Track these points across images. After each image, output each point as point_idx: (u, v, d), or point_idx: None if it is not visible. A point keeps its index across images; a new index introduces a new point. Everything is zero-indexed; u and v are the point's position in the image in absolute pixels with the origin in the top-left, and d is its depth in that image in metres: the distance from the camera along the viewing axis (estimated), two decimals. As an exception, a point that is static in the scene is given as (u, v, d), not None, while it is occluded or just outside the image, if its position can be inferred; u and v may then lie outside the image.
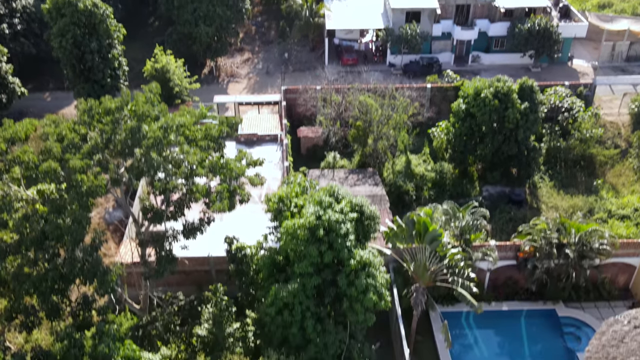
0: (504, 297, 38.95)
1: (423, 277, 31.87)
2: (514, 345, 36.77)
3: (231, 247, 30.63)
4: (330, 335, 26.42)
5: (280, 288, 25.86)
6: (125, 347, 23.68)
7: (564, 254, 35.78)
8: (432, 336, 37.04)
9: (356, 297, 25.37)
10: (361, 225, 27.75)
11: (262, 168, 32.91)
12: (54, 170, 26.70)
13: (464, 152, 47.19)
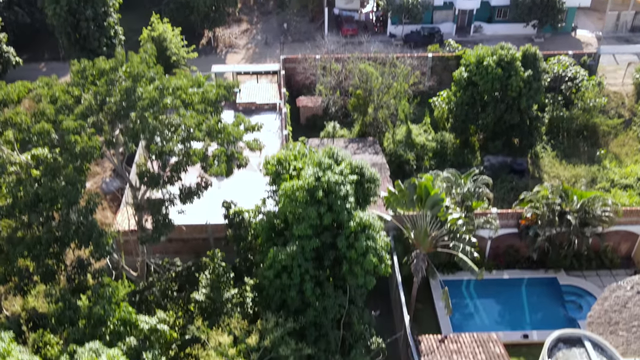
0: (505, 265, 38.60)
1: (424, 243, 31.44)
2: (515, 314, 36.47)
3: (229, 211, 30.11)
4: (329, 299, 26.04)
5: (279, 251, 25.41)
6: (121, 310, 23.29)
7: (566, 221, 35.33)
8: (432, 304, 36.76)
9: (356, 260, 24.92)
10: (361, 188, 27.23)
11: (261, 136, 32.35)
12: (47, 131, 26.13)
13: (465, 122, 46.52)
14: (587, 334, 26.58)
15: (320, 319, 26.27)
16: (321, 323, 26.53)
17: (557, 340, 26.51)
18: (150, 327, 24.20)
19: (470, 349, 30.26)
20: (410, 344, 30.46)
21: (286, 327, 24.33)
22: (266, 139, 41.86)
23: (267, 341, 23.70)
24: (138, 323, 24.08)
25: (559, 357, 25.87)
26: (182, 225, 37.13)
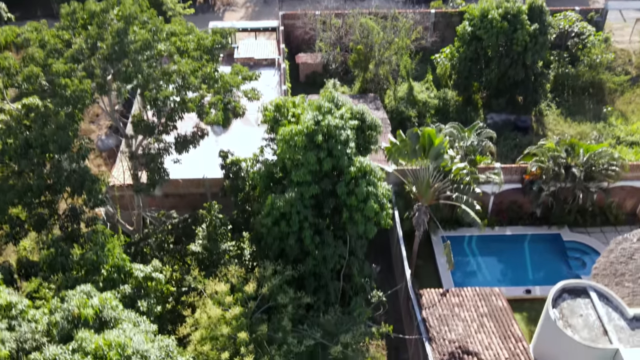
0: (508, 222, 37.92)
1: (426, 195, 30.67)
2: (517, 270, 35.93)
3: (225, 161, 29.24)
4: (329, 248, 25.36)
5: (277, 197, 24.64)
6: (115, 256, 22.62)
7: (571, 175, 34.52)
8: (433, 261, 36.18)
9: (356, 207, 24.16)
10: (362, 135, 26.35)
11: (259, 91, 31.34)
12: (36, 75, 25.16)
13: (468, 78, 45.44)
14: (592, 285, 26.00)
15: (319, 269, 25.64)
16: (320, 273, 25.91)
17: (562, 291, 25.95)
18: (145, 275, 23.53)
19: (473, 302, 29.73)
20: (412, 297, 29.92)
21: (284, 275, 23.69)
22: (265, 94, 40.86)
23: (265, 289, 23.09)
24: (132, 271, 23.44)
25: (563, 308, 25.33)
26: (178, 179, 36.50)
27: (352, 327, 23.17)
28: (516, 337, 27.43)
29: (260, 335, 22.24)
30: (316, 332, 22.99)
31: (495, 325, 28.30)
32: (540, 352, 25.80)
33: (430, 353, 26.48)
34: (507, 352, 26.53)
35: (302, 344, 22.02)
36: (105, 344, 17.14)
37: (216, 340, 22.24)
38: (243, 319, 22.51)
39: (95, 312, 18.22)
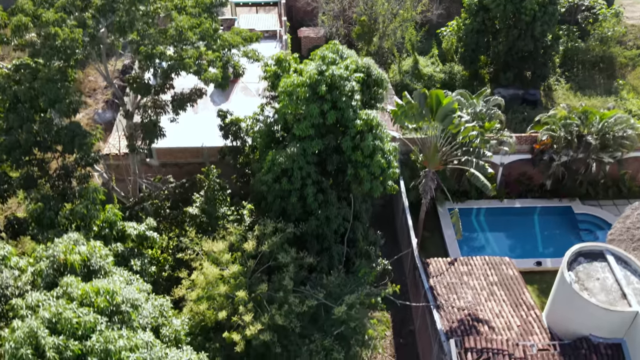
0: (517, 195, 36.67)
1: (433, 160, 29.40)
2: (527, 243, 34.70)
3: (224, 120, 27.95)
4: (332, 208, 24.11)
5: (278, 153, 23.39)
6: (107, 211, 21.38)
7: (584, 144, 33.23)
8: (440, 233, 34.97)
9: (362, 162, 22.88)
10: (367, 91, 25.05)
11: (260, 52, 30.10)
12: (25, 25, 23.87)
13: (475, 51, 44.17)
14: (609, 248, 24.72)
15: (322, 230, 24.39)
16: (324, 235, 24.66)
17: (577, 254, 24.66)
18: (139, 233, 22.30)
19: (482, 271, 28.48)
20: (418, 266, 28.68)
21: (286, 233, 22.43)
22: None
23: (265, 246, 21.82)
24: (125, 229, 22.21)
25: (579, 271, 24.04)
26: (176, 148, 35.36)
27: (357, 288, 21.91)
28: (528, 305, 26.19)
29: (260, 295, 21.01)
30: (319, 292, 21.74)
31: (506, 293, 27.06)
32: (553, 319, 24.52)
33: (439, 320, 25.23)
34: (519, 320, 25.28)
35: (304, 304, 20.76)
36: (92, 290, 15.91)
37: (213, 300, 21.02)
38: (242, 277, 21.29)
39: (82, 259, 16.97)
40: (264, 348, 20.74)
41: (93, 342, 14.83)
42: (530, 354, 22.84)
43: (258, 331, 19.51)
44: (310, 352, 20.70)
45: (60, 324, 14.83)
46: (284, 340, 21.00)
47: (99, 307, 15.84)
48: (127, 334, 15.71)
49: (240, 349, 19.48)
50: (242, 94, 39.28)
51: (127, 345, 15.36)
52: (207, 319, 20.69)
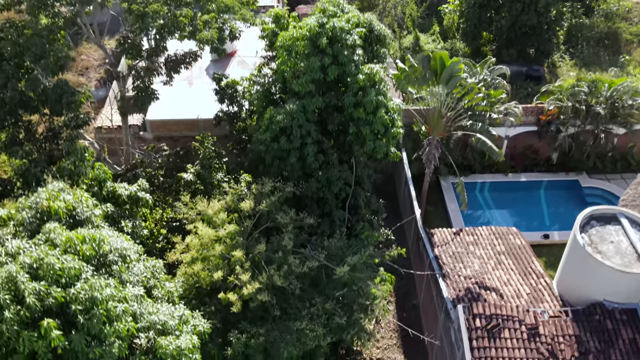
0: (522, 169, 35.60)
1: (437, 127, 28.32)
2: (534, 217, 33.64)
3: (220, 84, 26.76)
4: (333, 170, 22.99)
5: (276, 111, 22.27)
6: (95, 169, 20.24)
7: (592, 114, 32.15)
8: (444, 207, 33.88)
9: (365, 120, 21.76)
10: (369, 48, 23.94)
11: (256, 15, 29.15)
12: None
13: (477, 26, 43.09)
14: (623, 211, 23.66)
15: (323, 193, 23.27)
16: (324, 199, 23.54)
17: (590, 218, 23.59)
18: (130, 193, 21.17)
19: (489, 240, 27.42)
20: (422, 236, 27.60)
21: (285, 192, 21.30)
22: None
23: (263, 205, 20.68)
24: (116, 189, 21.07)
25: (592, 235, 22.98)
26: (170, 119, 34.29)
27: (359, 250, 20.80)
28: (537, 273, 25.14)
29: (257, 256, 19.88)
30: (320, 254, 20.63)
31: (514, 262, 26.00)
32: (565, 286, 23.46)
33: (445, 289, 24.14)
34: (528, 288, 24.23)
35: (304, 265, 19.65)
36: (77, 237, 14.78)
37: (208, 261, 19.90)
38: (238, 238, 20.16)
39: (67, 207, 15.83)
40: (262, 311, 19.65)
41: (77, 289, 13.71)
42: (541, 321, 21.77)
43: (256, 290, 18.40)
44: (311, 316, 19.60)
45: (42, 270, 13.70)
46: (283, 303, 19.91)
47: (84, 255, 14.73)
48: (115, 284, 14.61)
49: (237, 309, 18.36)
50: (239, 67, 38.16)
51: (114, 294, 14.25)
52: (202, 281, 19.58)
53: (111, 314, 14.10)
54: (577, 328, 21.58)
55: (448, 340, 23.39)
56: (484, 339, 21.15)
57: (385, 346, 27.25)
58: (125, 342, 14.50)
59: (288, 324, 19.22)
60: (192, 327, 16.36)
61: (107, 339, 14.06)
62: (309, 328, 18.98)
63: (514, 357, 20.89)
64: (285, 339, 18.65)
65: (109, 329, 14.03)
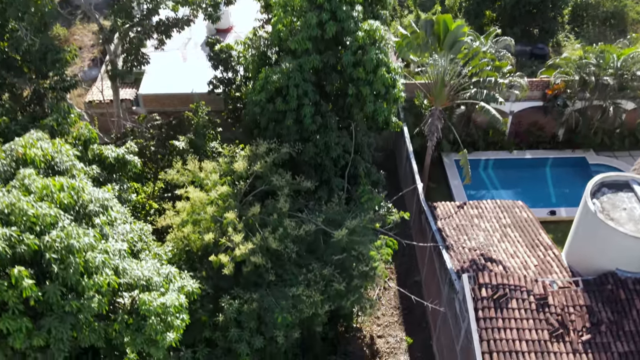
0: (527, 146, 34.48)
1: (440, 96, 27.20)
2: (539, 194, 32.50)
3: (213, 48, 25.62)
4: (331, 133, 21.90)
5: (272, 70, 21.16)
6: (80, 127, 19.12)
7: (600, 86, 31.01)
8: (446, 184, 32.77)
9: (364, 79, 20.66)
10: (369, 9, 22.87)
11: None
12: None
13: (480, 4, 42.10)
14: (636, 178, 22.55)
15: (321, 159, 22.17)
16: (323, 165, 22.44)
17: (601, 185, 22.51)
18: (118, 156, 20.07)
19: (494, 213, 26.33)
20: (425, 209, 26.50)
21: (281, 153, 20.19)
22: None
23: (257, 166, 19.58)
24: (102, 151, 19.97)
25: (603, 202, 21.88)
26: (163, 94, 33.23)
27: (359, 214, 19.71)
28: (545, 245, 24.04)
29: (251, 218, 18.77)
30: (318, 217, 19.53)
31: (521, 235, 24.91)
32: (575, 257, 22.33)
33: (448, 260, 23.03)
34: (536, 260, 23.11)
35: (300, 228, 18.55)
36: (54, 185, 13.67)
37: (199, 224, 18.80)
38: (231, 200, 19.06)
39: (45, 156, 14.72)
40: (256, 276, 18.56)
41: (52, 237, 12.61)
42: (550, 291, 20.66)
43: (249, 251, 17.29)
44: (308, 282, 18.51)
45: (14, 216, 12.61)
46: (278, 269, 18.81)
47: (61, 203, 13.62)
48: (95, 234, 13.51)
49: (228, 271, 17.26)
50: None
51: (94, 245, 13.14)
52: (192, 244, 18.48)
53: (90, 265, 13.02)
54: (589, 298, 20.48)
55: (452, 313, 22.29)
56: (490, 310, 20.04)
57: (386, 323, 26.16)
58: (106, 298, 13.44)
59: (283, 290, 18.13)
60: (180, 287, 15.27)
61: (85, 292, 12.99)
62: (306, 294, 17.91)
63: (522, 328, 19.78)
64: (280, 304, 17.55)
65: (87, 281, 12.96)
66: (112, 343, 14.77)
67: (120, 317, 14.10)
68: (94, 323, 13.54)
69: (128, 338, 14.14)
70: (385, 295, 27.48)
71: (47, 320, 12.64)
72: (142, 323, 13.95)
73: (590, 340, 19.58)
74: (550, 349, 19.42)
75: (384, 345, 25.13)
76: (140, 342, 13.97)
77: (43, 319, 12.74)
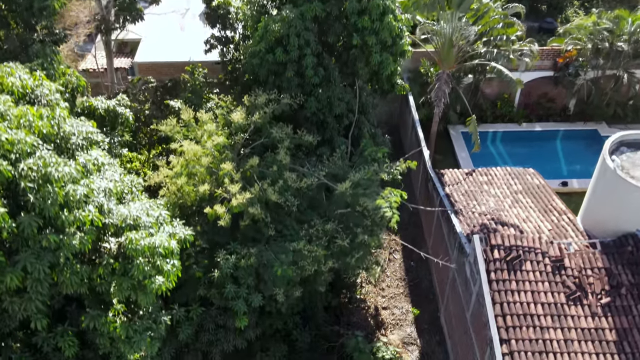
0: (537, 119, 33.27)
1: (448, 57, 26.02)
2: (550, 166, 31.26)
3: (210, 4, 24.38)
4: (335, 88, 20.70)
5: (272, 19, 19.98)
6: (68, 73, 17.95)
7: (614, 53, 29.80)
8: (453, 156, 31.58)
9: (370, 28, 19.48)
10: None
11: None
12: None
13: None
14: (656, 136, 21.39)
15: (323, 115, 20.97)
16: (325, 123, 21.23)
17: (619, 144, 21.34)
18: (108, 107, 18.95)
19: (504, 180, 25.16)
20: (432, 175, 25.32)
21: (281, 104, 19.00)
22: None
23: (256, 116, 18.39)
24: (91, 103, 18.84)
25: (622, 160, 20.69)
26: (159, 62, 32.06)
27: (363, 167, 18.53)
28: (559, 210, 22.85)
29: (249, 170, 17.58)
30: (320, 171, 18.35)
31: (533, 200, 23.72)
32: (591, 220, 21.13)
33: (457, 224, 21.83)
34: (550, 225, 21.91)
35: (301, 181, 17.37)
36: (33, 113, 12.50)
37: (193, 177, 17.62)
38: (228, 152, 17.88)
39: (23, 86, 13.52)
40: (254, 231, 17.38)
41: (28, 164, 11.43)
42: (567, 253, 19.45)
43: (247, 202, 16.09)
44: (310, 238, 17.32)
45: (-15, 140, 11.43)
46: (278, 225, 17.63)
47: (40, 132, 12.45)
48: (77, 165, 12.33)
49: (225, 222, 16.09)
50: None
51: (75, 176, 11.96)
52: (186, 197, 17.30)
53: (70, 198, 11.85)
54: (607, 260, 19.27)
55: (462, 279, 21.10)
56: (503, 272, 18.83)
57: (392, 295, 24.97)
58: (89, 237, 12.25)
59: (283, 245, 16.94)
60: (172, 234, 14.07)
61: (65, 227, 11.81)
62: (308, 249, 16.71)
63: (537, 291, 18.58)
64: (280, 259, 16.34)
65: (67, 215, 11.79)
66: (96, 291, 13.63)
67: (106, 260, 12.94)
68: (75, 265, 12.36)
69: (114, 284, 12.96)
70: (390, 267, 26.30)
71: (22, 255, 11.46)
72: (129, 267, 12.80)
73: (610, 303, 18.39)
74: (567, 312, 18.23)
75: (389, 316, 23.95)
76: (127, 287, 12.80)
77: (18, 255, 11.56)
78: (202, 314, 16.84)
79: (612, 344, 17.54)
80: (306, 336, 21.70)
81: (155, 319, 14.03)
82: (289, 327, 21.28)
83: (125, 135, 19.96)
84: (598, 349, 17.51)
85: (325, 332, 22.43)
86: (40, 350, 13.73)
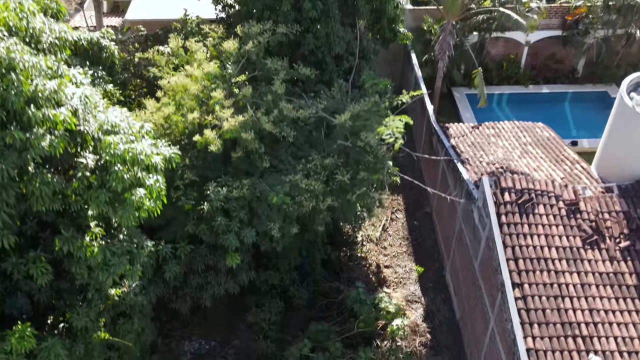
0: (545, 81, 32.02)
1: (453, 6, 24.76)
2: (559, 128, 29.86)
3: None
4: (334, 24, 19.42)
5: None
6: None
7: (627, 7, 28.56)
8: (457, 118, 30.30)
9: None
10: None
11: None
12: None
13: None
14: (677, 77, 20.12)
15: (322, 55, 19.69)
16: (324, 63, 19.95)
17: (637, 84, 20.06)
18: (92, 39, 17.71)
19: (512, 133, 23.93)
20: (436, 129, 24.08)
21: (277, 35, 17.73)
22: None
23: (249, 45, 17.13)
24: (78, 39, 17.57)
25: None
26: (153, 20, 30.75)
27: (362, 99, 17.28)
28: (572, 159, 21.62)
29: (242, 100, 16.32)
30: (318, 103, 17.09)
31: (544, 151, 22.49)
32: (607, 166, 19.83)
33: (464, 172, 20.59)
34: (562, 173, 20.66)
35: (298, 111, 16.11)
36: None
37: (182, 108, 16.36)
38: (219, 82, 16.61)
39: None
40: (247, 164, 16.12)
41: (-11, 51, 10.17)
42: (582, 197, 18.20)
43: (239, 127, 14.84)
44: (307, 173, 16.05)
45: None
46: (273, 160, 16.38)
47: (5, 24, 11.17)
48: (47, 62, 11.07)
49: (216, 148, 14.82)
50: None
51: (44, 69, 10.70)
52: (174, 127, 16.04)
53: (39, 94, 10.59)
54: (625, 204, 18.03)
55: (469, 227, 19.84)
56: (514, 215, 17.58)
57: (394, 254, 23.72)
58: (61, 142, 10.96)
59: (279, 177, 15.68)
60: (155, 152, 12.78)
61: (33, 126, 10.55)
62: (305, 183, 15.45)
63: (550, 235, 17.32)
64: (276, 190, 15.08)
65: (35, 111, 10.52)
66: (71, 214, 12.37)
67: (81, 172, 11.66)
68: (46, 174, 11.10)
69: (90, 200, 11.68)
70: (393, 226, 25.05)
71: (-17, 153, 10.21)
72: (107, 178, 11.53)
73: (629, 247, 17.14)
74: (583, 256, 16.98)
75: (391, 274, 22.69)
76: (103, 201, 11.51)
77: (-22, 153, 10.31)
78: (191, 253, 15.57)
79: (632, 288, 16.32)
80: (304, 292, 20.52)
81: (137, 244, 12.76)
82: (285, 283, 20.09)
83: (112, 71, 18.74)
84: (617, 293, 16.28)
85: (324, 288, 21.22)
86: (10, 277, 12.47)
